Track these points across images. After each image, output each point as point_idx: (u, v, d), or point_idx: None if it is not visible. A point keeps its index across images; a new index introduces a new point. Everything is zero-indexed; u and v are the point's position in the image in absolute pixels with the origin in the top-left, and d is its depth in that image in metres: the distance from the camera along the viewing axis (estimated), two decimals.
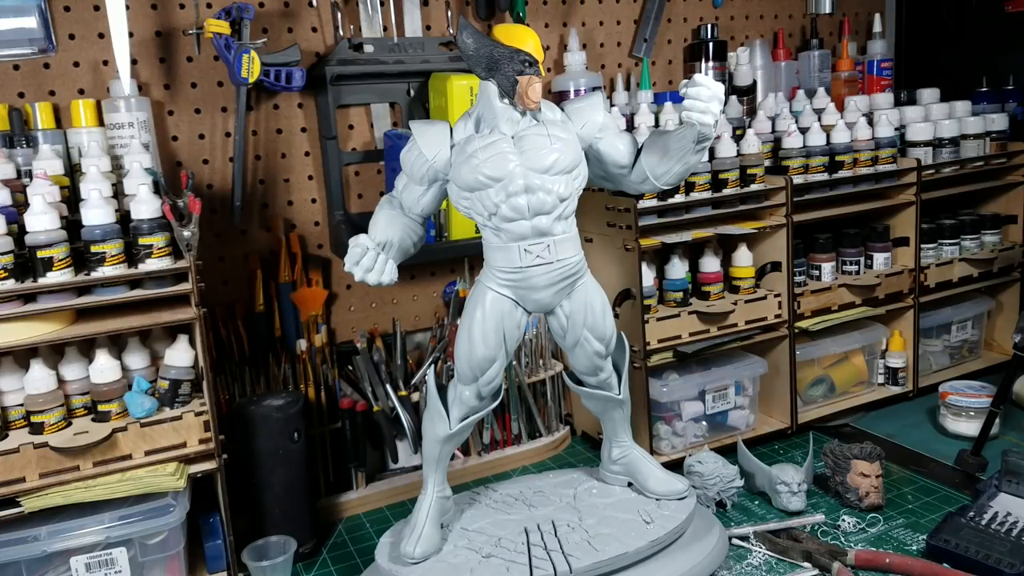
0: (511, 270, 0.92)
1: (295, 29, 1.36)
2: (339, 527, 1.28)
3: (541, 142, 0.90)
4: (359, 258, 0.91)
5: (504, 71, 0.88)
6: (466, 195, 0.91)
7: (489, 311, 0.93)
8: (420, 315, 1.51)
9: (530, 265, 0.92)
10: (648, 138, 0.97)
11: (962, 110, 1.63)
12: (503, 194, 0.89)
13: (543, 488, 1.11)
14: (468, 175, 0.89)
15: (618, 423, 1.09)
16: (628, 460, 1.10)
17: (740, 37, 1.78)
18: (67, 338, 1.00)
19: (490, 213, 0.90)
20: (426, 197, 0.95)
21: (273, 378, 1.30)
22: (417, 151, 0.92)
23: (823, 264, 1.50)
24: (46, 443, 0.99)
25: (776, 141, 1.49)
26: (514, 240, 0.91)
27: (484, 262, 0.96)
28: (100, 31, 1.23)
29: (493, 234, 0.92)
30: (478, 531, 1.02)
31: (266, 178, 1.37)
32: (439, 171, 0.92)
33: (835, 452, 1.24)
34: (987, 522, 1.11)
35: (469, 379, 0.97)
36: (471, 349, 0.94)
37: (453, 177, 0.91)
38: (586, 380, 1.05)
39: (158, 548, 1.04)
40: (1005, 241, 1.68)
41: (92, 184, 1.03)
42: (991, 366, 1.68)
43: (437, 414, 0.99)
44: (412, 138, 0.93)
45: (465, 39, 0.88)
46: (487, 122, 0.91)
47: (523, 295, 0.94)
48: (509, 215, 0.90)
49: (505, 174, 0.88)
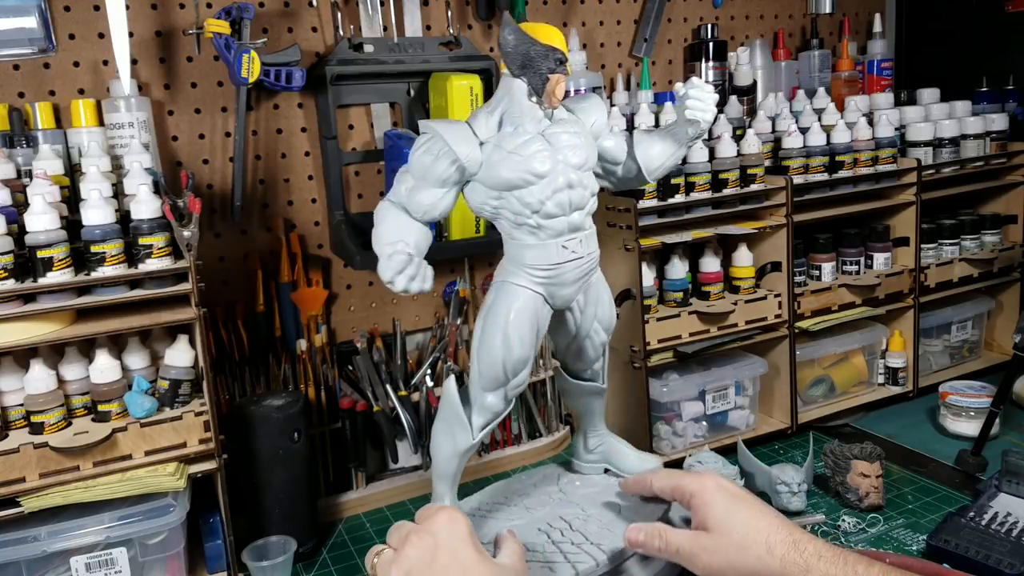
0: (547, 267, 0.91)
1: (295, 29, 1.36)
2: (339, 527, 1.28)
3: (570, 139, 0.89)
4: (403, 266, 0.85)
5: (538, 69, 0.87)
6: (498, 195, 0.89)
7: (524, 310, 0.91)
8: (420, 315, 1.51)
9: (565, 261, 0.91)
10: (638, 135, 0.98)
11: (962, 110, 1.63)
12: (548, 190, 0.88)
13: (524, 490, 1.10)
14: (510, 173, 0.87)
15: (597, 413, 1.09)
16: (604, 447, 1.10)
17: (740, 37, 1.78)
18: (67, 338, 1.00)
19: (532, 211, 0.88)
20: (445, 200, 0.89)
21: (273, 378, 1.30)
22: (440, 151, 0.87)
23: (823, 264, 1.50)
24: (46, 443, 0.99)
25: (776, 141, 1.49)
26: (552, 237, 0.90)
27: (508, 261, 0.93)
28: (100, 31, 1.23)
29: (529, 233, 0.90)
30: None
31: (266, 178, 1.37)
32: (467, 171, 0.88)
33: (835, 452, 1.24)
34: (987, 522, 1.11)
35: (499, 383, 0.92)
36: (508, 351, 0.90)
37: (484, 177, 0.88)
38: (582, 374, 1.05)
39: (158, 548, 1.04)
40: (1005, 241, 1.68)
41: (92, 184, 1.03)
42: (991, 366, 1.68)
43: (459, 424, 0.93)
44: (428, 138, 0.88)
45: (507, 35, 0.87)
46: (511, 120, 0.89)
47: (553, 291, 0.93)
48: (553, 211, 0.89)
49: (550, 171, 0.87)
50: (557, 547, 0.95)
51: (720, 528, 0.77)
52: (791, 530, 0.75)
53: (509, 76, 0.88)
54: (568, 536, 0.97)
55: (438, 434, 0.96)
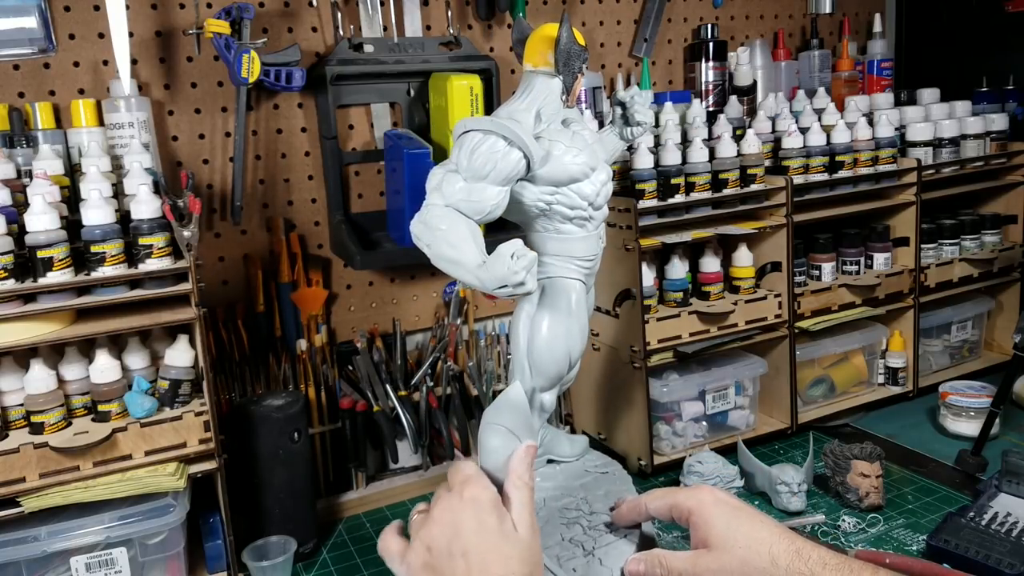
0: (591, 257, 0.94)
1: (295, 29, 1.36)
2: (339, 527, 1.28)
3: (591, 136, 0.92)
4: (533, 264, 0.79)
5: (573, 68, 0.89)
6: (554, 190, 0.88)
7: (581, 302, 0.92)
8: (420, 315, 1.51)
9: (600, 250, 0.95)
10: None
11: (962, 110, 1.63)
12: (598, 183, 0.90)
13: None
14: (573, 167, 0.88)
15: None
16: (547, 440, 1.03)
17: (740, 37, 1.78)
18: (67, 338, 1.00)
19: (589, 203, 0.90)
20: (505, 198, 0.86)
21: (273, 378, 1.30)
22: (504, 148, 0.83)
23: (823, 264, 1.50)
24: (46, 443, 0.99)
25: (776, 141, 1.49)
26: (596, 228, 0.93)
27: (551, 257, 0.92)
28: (100, 31, 1.23)
29: (579, 225, 0.92)
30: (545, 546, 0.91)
31: (266, 178, 1.37)
32: (532, 167, 0.86)
33: (835, 452, 1.24)
34: (987, 522, 1.11)
35: (558, 380, 0.91)
36: (572, 344, 0.89)
37: (546, 171, 0.87)
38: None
39: (158, 548, 1.04)
40: (1005, 241, 1.68)
41: (92, 184, 1.03)
42: (991, 366, 1.68)
43: (527, 431, 0.87)
44: (484, 137, 0.84)
45: (563, 32, 0.88)
46: (547, 117, 0.89)
47: (588, 281, 0.95)
48: (601, 203, 0.92)
49: (599, 163, 0.91)
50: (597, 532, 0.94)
51: (722, 544, 0.77)
52: (793, 539, 0.75)
53: (544, 74, 0.88)
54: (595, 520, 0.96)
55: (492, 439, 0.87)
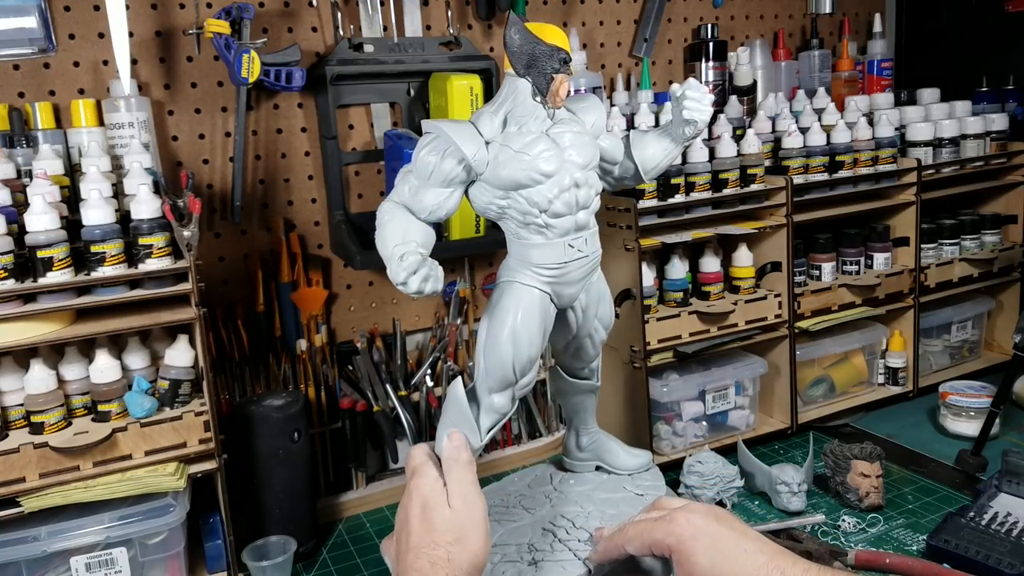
0: (554, 266, 0.91)
1: (295, 29, 1.36)
2: (339, 527, 1.28)
3: (574, 139, 0.90)
4: (417, 266, 0.82)
5: (543, 69, 0.87)
6: (504, 194, 0.89)
7: (532, 309, 0.91)
8: (420, 315, 1.51)
9: (572, 259, 0.91)
10: (635, 135, 0.99)
11: (962, 110, 1.63)
12: (556, 189, 0.88)
13: (520, 491, 1.09)
14: (519, 172, 0.87)
15: (589, 411, 1.09)
16: (596, 444, 1.11)
17: (740, 37, 1.78)
18: (67, 338, 1.00)
19: (540, 210, 0.88)
20: (451, 200, 0.89)
21: (273, 378, 1.30)
22: (446, 150, 0.86)
23: (823, 264, 1.50)
24: (46, 443, 0.99)
25: (776, 141, 1.49)
26: (560, 236, 0.90)
27: (514, 261, 0.93)
28: (100, 31, 1.23)
29: (537, 232, 0.90)
30: (502, 543, 0.98)
31: (266, 178, 1.37)
32: (474, 171, 0.88)
33: (835, 452, 1.24)
34: (987, 522, 1.11)
35: (507, 384, 0.92)
36: (516, 351, 0.90)
37: (490, 177, 0.88)
38: (579, 372, 1.05)
39: (158, 548, 1.04)
40: (1005, 241, 1.68)
41: (92, 184, 1.03)
42: (991, 366, 1.68)
43: (467, 426, 0.91)
44: (433, 138, 0.87)
45: (513, 35, 0.87)
46: (516, 120, 0.89)
47: (559, 290, 0.93)
48: (560, 211, 0.89)
49: (557, 170, 0.88)
50: (565, 545, 0.95)
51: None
52: (778, 561, 0.74)
53: (513, 76, 0.88)
54: (574, 534, 0.97)
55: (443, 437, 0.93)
